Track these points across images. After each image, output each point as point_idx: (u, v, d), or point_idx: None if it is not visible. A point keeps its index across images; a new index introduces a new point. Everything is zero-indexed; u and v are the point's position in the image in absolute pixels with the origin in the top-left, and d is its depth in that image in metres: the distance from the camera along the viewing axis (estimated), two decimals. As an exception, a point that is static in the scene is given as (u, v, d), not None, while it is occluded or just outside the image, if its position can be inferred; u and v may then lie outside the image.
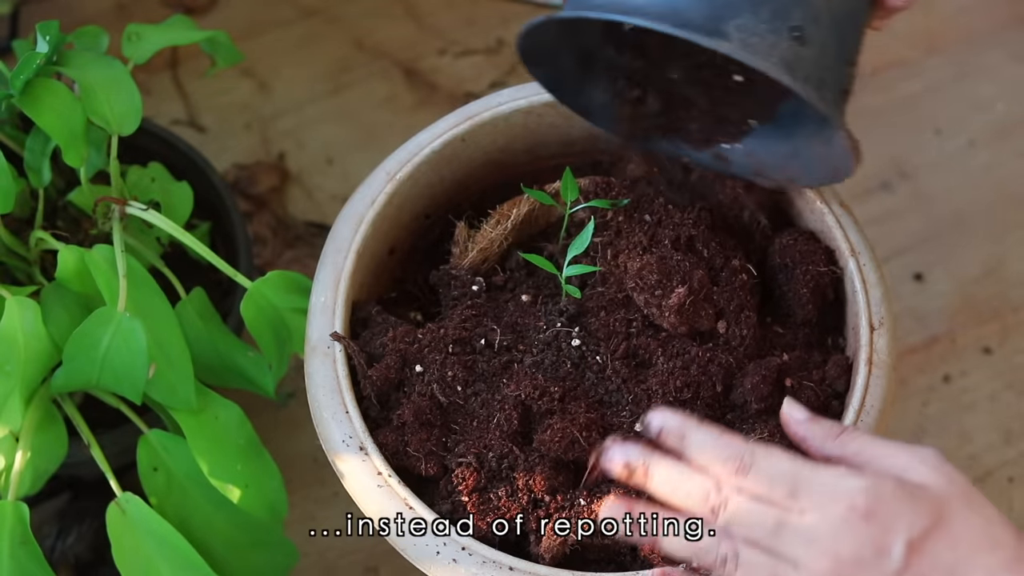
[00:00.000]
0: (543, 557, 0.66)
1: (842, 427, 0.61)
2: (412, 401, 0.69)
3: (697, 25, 0.63)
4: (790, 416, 0.63)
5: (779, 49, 0.64)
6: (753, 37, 0.63)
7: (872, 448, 0.60)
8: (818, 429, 0.62)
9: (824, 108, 0.65)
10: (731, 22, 0.63)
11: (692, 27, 0.63)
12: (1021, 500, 1.00)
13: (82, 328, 0.74)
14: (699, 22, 0.63)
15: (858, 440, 0.60)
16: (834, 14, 0.66)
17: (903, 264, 1.10)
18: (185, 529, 0.75)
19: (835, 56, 0.67)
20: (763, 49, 0.63)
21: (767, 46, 0.64)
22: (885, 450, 0.60)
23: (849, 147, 0.68)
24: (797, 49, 0.64)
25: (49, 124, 0.77)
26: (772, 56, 0.63)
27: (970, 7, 1.24)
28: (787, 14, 0.64)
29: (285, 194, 1.12)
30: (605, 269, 0.73)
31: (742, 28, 0.63)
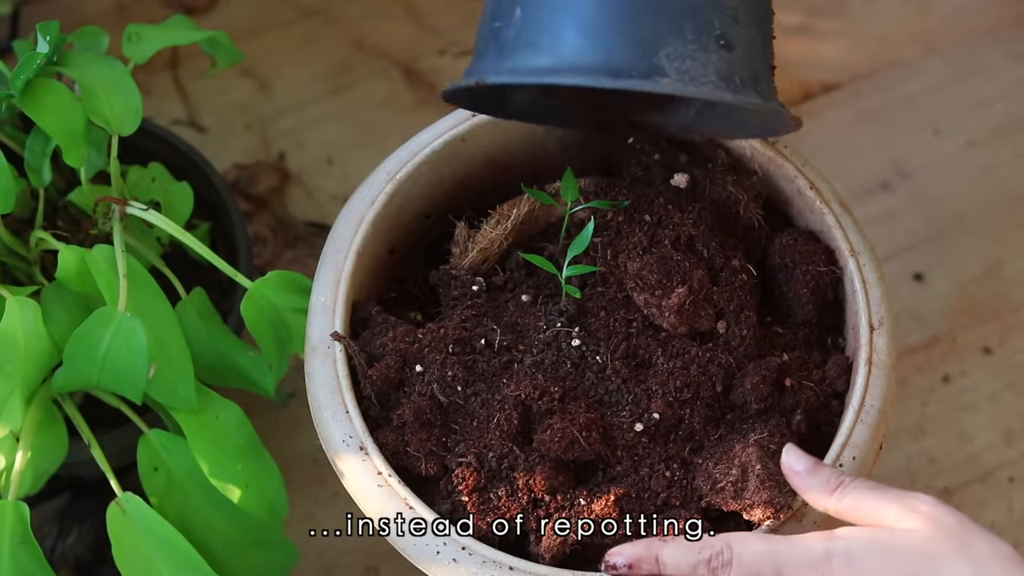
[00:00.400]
0: (543, 557, 0.66)
1: (839, 479, 0.63)
2: (412, 401, 0.70)
3: (631, 69, 0.63)
4: (789, 467, 0.65)
5: (712, 64, 0.65)
6: (685, 62, 0.64)
7: (866, 502, 0.62)
8: (815, 482, 0.64)
9: (761, 103, 0.66)
10: (661, 53, 0.64)
11: (627, 74, 0.63)
12: (1021, 500, 1.00)
13: (82, 328, 0.74)
14: (632, 64, 0.63)
15: (853, 494, 0.62)
16: (747, 4, 0.67)
17: (903, 264, 1.11)
18: (185, 529, 0.75)
19: (759, 41, 0.68)
20: (698, 72, 0.64)
21: (701, 66, 0.64)
22: (878, 503, 0.61)
23: (788, 119, 0.69)
24: (727, 56, 0.65)
25: (49, 124, 0.77)
26: (708, 75, 0.64)
27: (970, 7, 1.25)
28: (709, 26, 0.65)
29: (285, 194, 1.12)
30: (605, 269, 0.73)
31: (673, 56, 0.64)
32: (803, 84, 1.20)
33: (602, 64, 0.64)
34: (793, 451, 0.65)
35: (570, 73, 0.64)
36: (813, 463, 0.65)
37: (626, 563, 0.63)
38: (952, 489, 1.01)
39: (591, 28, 0.64)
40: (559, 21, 0.65)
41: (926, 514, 0.61)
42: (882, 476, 1.00)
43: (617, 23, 0.64)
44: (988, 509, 1.00)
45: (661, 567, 0.63)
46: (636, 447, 0.69)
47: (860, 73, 1.21)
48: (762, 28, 0.69)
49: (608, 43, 0.64)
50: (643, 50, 0.64)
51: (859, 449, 0.68)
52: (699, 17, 0.65)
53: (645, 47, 0.64)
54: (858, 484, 0.63)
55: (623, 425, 0.69)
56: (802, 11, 1.24)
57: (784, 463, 0.65)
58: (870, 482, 0.63)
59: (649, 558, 0.63)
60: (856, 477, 0.63)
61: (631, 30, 0.64)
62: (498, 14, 0.68)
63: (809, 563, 0.60)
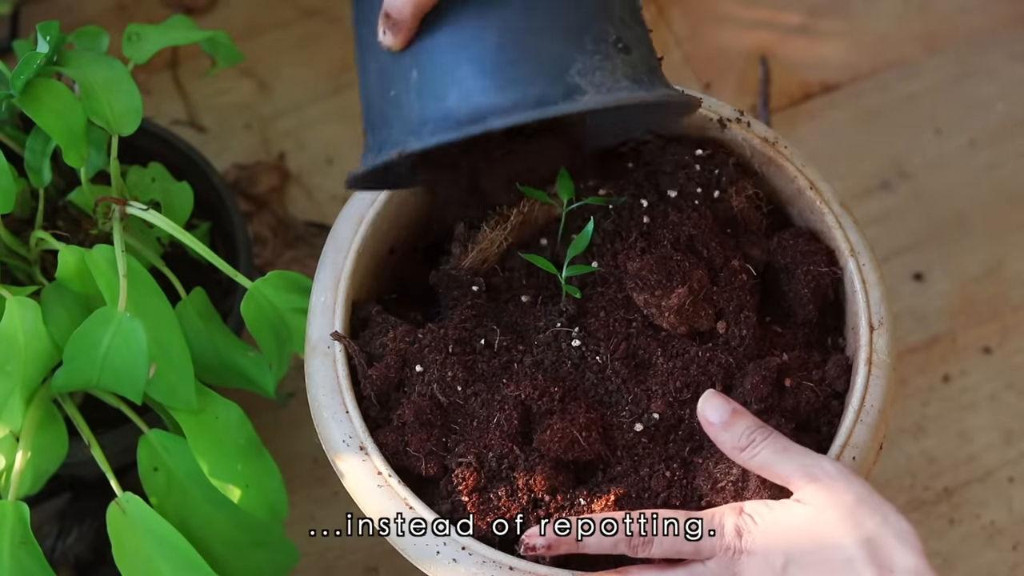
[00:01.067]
0: (543, 557, 0.66)
1: (750, 437, 0.64)
2: (412, 401, 0.70)
3: (550, 95, 0.62)
4: (704, 417, 0.66)
5: (619, 70, 0.64)
6: (596, 74, 0.63)
7: (772, 467, 0.64)
8: (727, 437, 0.65)
9: (675, 93, 0.66)
10: (572, 72, 0.63)
11: (549, 101, 0.62)
12: (1021, 500, 1.00)
13: (82, 328, 0.74)
14: (549, 91, 0.63)
15: (761, 455, 0.64)
16: (627, 4, 0.67)
17: (903, 264, 1.11)
18: (185, 529, 0.75)
19: (644, 36, 0.68)
20: (609, 81, 0.64)
21: (610, 75, 0.64)
22: (783, 468, 0.63)
23: (692, 101, 0.69)
24: (628, 59, 0.65)
25: (49, 124, 0.77)
26: (620, 82, 0.64)
27: (970, 7, 1.24)
28: (606, 34, 0.65)
29: (285, 194, 1.12)
30: (605, 269, 0.73)
31: (583, 72, 0.63)
32: (803, 84, 1.20)
33: (521, 99, 0.62)
34: (710, 401, 0.66)
35: (494, 117, 0.62)
36: (729, 415, 0.65)
37: (545, 544, 0.64)
38: (952, 489, 1.01)
39: (497, 68, 0.63)
40: (462, 71, 0.63)
41: (825, 486, 0.62)
42: (882, 476, 1.00)
43: (520, 56, 0.63)
44: (988, 509, 1.00)
45: (582, 546, 0.64)
46: (636, 447, 0.69)
47: (860, 73, 1.21)
48: (642, 23, 0.68)
49: (519, 77, 0.63)
50: (554, 74, 0.63)
51: (859, 449, 0.68)
52: (595, 28, 0.64)
53: (555, 70, 0.63)
54: (768, 444, 0.64)
55: (623, 425, 0.69)
56: (802, 11, 1.24)
57: (700, 412, 0.66)
58: (779, 442, 0.64)
59: (568, 538, 0.64)
60: (768, 434, 0.64)
61: (536, 58, 0.63)
62: (390, 82, 0.65)
63: (721, 537, 0.62)
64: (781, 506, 0.63)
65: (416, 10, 0.63)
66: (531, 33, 0.63)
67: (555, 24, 0.64)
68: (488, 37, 0.63)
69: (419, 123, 0.64)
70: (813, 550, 0.60)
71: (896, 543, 0.60)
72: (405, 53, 0.64)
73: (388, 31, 0.64)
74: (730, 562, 0.62)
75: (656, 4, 1.24)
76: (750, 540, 0.62)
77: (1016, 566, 0.98)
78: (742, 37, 1.22)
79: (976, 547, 0.99)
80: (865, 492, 0.61)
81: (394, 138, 0.65)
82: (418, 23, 0.63)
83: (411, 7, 0.62)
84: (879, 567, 0.59)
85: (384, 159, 0.65)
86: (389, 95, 0.65)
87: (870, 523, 0.60)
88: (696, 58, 1.21)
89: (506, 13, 0.63)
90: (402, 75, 0.65)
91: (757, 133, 0.78)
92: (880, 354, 0.71)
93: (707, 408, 0.66)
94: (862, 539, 0.60)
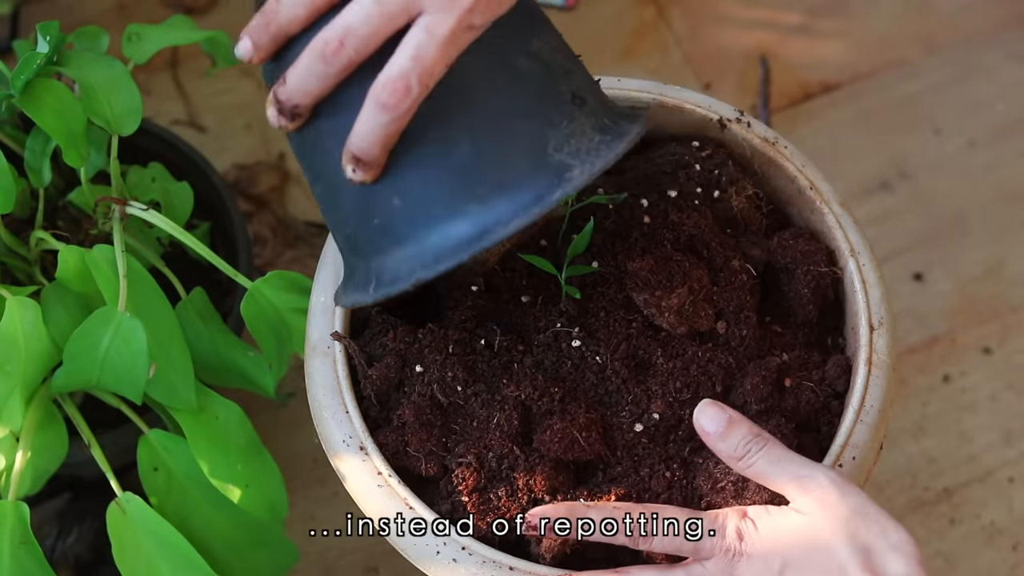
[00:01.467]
0: (544, 557, 0.66)
1: (745, 447, 0.64)
2: (412, 401, 0.70)
3: (544, 185, 0.61)
4: (701, 428, 0.66)
5: (587, 128, 0.63)
6: (571, 142, 0.62)
7: (766, 477, 0.64)
8: (723, 447, 0.65)
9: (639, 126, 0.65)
10: (550, 151, 0.61)
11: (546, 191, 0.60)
12: (1021, 500, 1.00)
13: (82, 328, 0.74)
14: (540, 180, 0.61)
15: (756, 465, 0.64)
16: (558, 49, 0.65)
17: (903, 264, 1.11)
18: (185, 529, 0.75)
19: (578, 63, 0.66)
20: (585, 144, 0.62)
21: (583, 137, 0.62)
22: (777, 478, 0.64)
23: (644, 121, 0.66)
24: (587, 110, 0.63)
25: (49, 124, 0.77)
26: (593, 140, 0.62)
27: (970, 7, 1.25)
28: (560, 96, 0.63)
29: (285, 194, 1.12)
30: (605, 269, 0.73)
31: (558, 147, 0.62)
32: (803, 84, 1.20)
33: (518, 201, 0.60)
34: (706, 410, 0.66)
35: (499, 227, 0.60)
36: (725, 424, 0.65)
37: (547, 524, 0.64)
38: (952, 489, 1.01)
39: (480, 175, 0.61)
40: (447, 189, 0.61)
41: (819, 497, 0.62)
42: (882, 476, 1.00)
43: (498, 153, 0.61)
44: (988, 509, 1.00)
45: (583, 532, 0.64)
46: (636, 447, 0.69)
47: (860, 73, 1.21)
48: (569, 52, 0.67)
49: (507, 179, 0.61)
50: (538, 161, 0.61)
51: (859, 449, 0.68)
52: (552, 96, 0.63)
53: (536, 158, 0.61)
54: (763, 454, 0.64)
55: (623, 425, 0.69)
56: (802, 11, 1.24)
57: (696, 421, 0.66)
58: (775, 451, 0.64)
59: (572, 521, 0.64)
60: (764, 444, 0.64)
61: (513, 152, 0.61)
62: (370, 212, 0.63)
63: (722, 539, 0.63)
64: (780, 512, 0.63)
65: (385, 147, 0.60)
66: (498, 126, 0.61)
67: (518, 107, 0.62)
68: (460, 145, 0.61)
69: (423, 252, 0.62)
70: (808, 556, 0.61)
71: (891, 552, 0.60)
72: (378, 184, 0.62)
73: (358, 169, 0.61)
74: (729, 564, 0.62)
75: (656, 4, 1.24)
76: (750, 543, 0.62)
77: (1016, 566, 0.98)
78: (742, 37, 1.23)
79: (976, 547, 0.99)
80: (861, 503, 0.61)
81: (398, 268, 0.63)
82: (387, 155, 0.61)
83: (379, 146, 0.60)
84: (872, 572, 0.59)
85: (400, 288, 0.63)
86: (373, 223, 0.63)
87: (866, 533, 0.60)
88: (696, 58, 1.21)
89: (468, 115, 0.61)
90: (382, 204, 0.62)
91: (757, 133, 0.78)
92: (880, 354, 0.71)
93: (703, 417, 0.66)
94: (856, 547, 0.60)
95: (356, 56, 0.59)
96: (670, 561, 0.65)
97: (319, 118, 0.63)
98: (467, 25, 0.59)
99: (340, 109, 0.62)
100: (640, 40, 1.23)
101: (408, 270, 0.62)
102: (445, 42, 0.58)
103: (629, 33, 1.23)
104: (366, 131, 0.60)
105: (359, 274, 0.66)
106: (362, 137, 0.60)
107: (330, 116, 0.62)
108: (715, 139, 0.79)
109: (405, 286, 0.62)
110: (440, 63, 0.59)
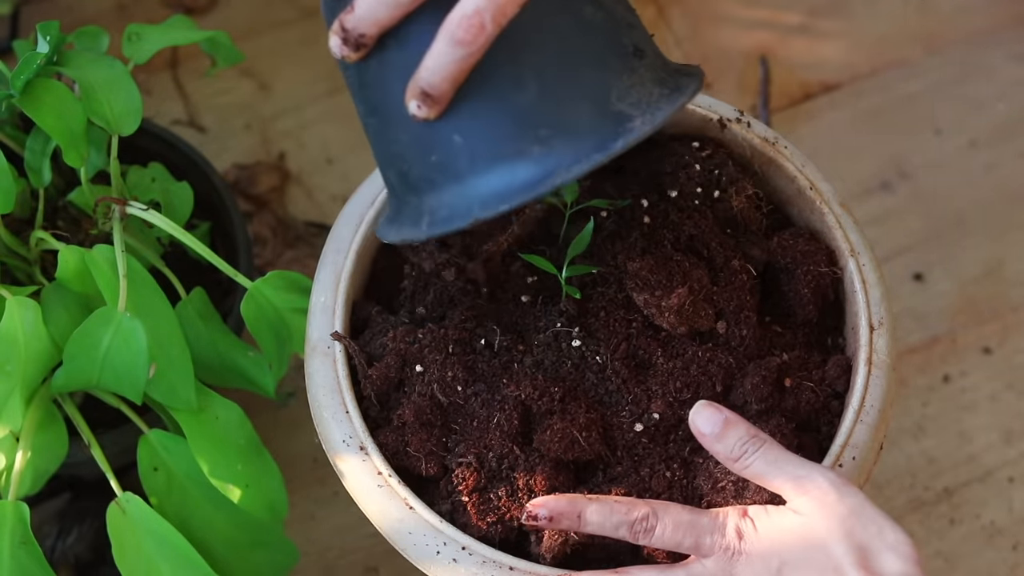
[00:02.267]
0: (544, 557, 0.66)
1: (742, 448, 0.64)
2: (412, 401, 0.70)
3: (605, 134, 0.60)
4: (697, 429, 0.66)
5: (647, 80, 0.63)
6: (632, 93, 0.62)
7: (764, 478, 0.64)
8: (720, 448, 0.65)
9: (696, 81, 0.65)
10: (613, 99, 0.61)
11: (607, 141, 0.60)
12: (1021, 500, 1.00)
13: (82, 328, 0.74)
14: (603, 128, 0.61)
15: (753, 466, 0.64)
16: (624, 6, 0.65)
17: (903, 264, 1.11)
18: (185, 529, 0.75)
19: (643, 27, 0.66)
20: (645, 96, 0.62)
21: (643, 90, 0.62)
22: (774, 479, 0.64)
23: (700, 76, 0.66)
24: (647, 63, 0.63)
25: (49, 124, 0.77)
26: (653, 93, 0.62)
27: (970, 7, 1.25)
28: (623, 48, 0.63)
29: (285, 194, 1.12)
30: (605, 269, 0.73)
31: (621, 96, 0.61)
32: (803, 84, 1.20)
33: (580, 146, 0.60)
34: (702, 411, 0.66)
35: (561, 171, 0.60)
36: (721, 425, 0.65)
37: (548, 515, 0.64)
38: (952, 489, 1.01)
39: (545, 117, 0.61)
40: (510, 128, 0.61)
41: (816, 498, 0.62)
42: (882, 476, 1.00)
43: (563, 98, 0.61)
44: (988, 509, 1.00)
45: (584, 524, 0.64)
46: (636, 447, 0.69)
47: (860, 73, 1.21)
48: (632, 11, 0.66)
49: (569, 122, 0.61)
50: (600, 108, 0.61)
51: (859, 449, 0.68)
52: (615, 45, 0.63)
53: (599, 104, 0.61)
54: (760, 455, 0.64)
55: (623, 425, 0.69)
56: (802, 11, 1.24)
57: (692, 423, 0.66)
58: (772, 452, 0.64)
59: (572, 514, 0.64)
60: (761, 444, 0.64)
61: (578, 97, 0.61)
62: (428, 149, 0.63)
63: (722, 537, 0.63)
64: (779, 512, 0.63)
65: (455, 83, 0.60)
66: (565, 70, 0.61)
67: (583, 54, 0.62)
68: (526, 87, 0.61)
69: (483, 190, 0.61)
70: (805, 555, 0.61)
71: (889, 552, 0.60)
72: (440, 121, 0.62)
73: (423, 105, 0.61)
74: (728, 562, 0.62)
75: (656, 4, 1.24)
76: (750, 543, 0.62)
77: (1016, 566, 0.98)
78: (742, 37, 1.23)
79: (976, 547, 0.99)
80: (859, 503, 0.61)
81: (455, 205, 0.62)
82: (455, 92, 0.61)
83: (449, 81, 0.60)
84: (868, 571, 0.59)
85: (456, 226, 0.62)
86: (430, 160, 0.63)
87: (863, 533, 0.60)
88: (696, 58, 1.21)
89: (536, 57, 0.61)
90: (443, 141, 0.62)
91: (757, 133, 0.78)
92: (880, 354, 0.71)
93: (699, 419, 0.66)
94: (853, 546, 0.60)
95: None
96: (671, 558, 0.65)
97: (384, 50, 0.62)
98: None
99: (407, 42, 0.61)
100: (640, 40, 1.23)
101: (466, 208, 0.62)
102: None
103: (629, 33, 1.23)
104: (437, 66, 0.59)
105: (410, 209, 0.65)
106: (432, 72, 0.60)
107: (395, 49, 0.62)
108: (715, 139, 0.79)
109: (462, 224, 0.62)
110: (513, 2, 0.59)
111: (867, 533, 0.60)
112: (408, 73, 0.61)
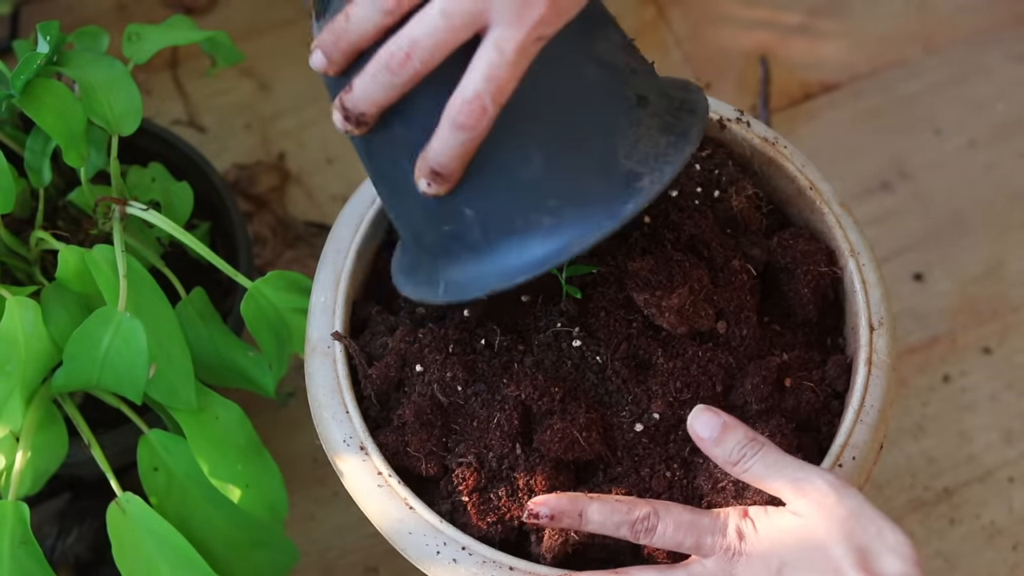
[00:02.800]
0: (544, 557, 0.66)
1: (740, 452, 0.64)
2: (412, 401, 0.70)
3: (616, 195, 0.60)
4: (693, 432, 0.66)
5: (653, 129, 0.62)
6: (638, 147, 0.61)
7: (763, 481, 0.64)
8: (718, 452, 0.65)
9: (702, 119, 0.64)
10: (620, 158, 0.61)
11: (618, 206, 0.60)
12: (1021, 500, 1.00)
13: (82, 328, 0.74)
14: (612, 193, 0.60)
15: (752, 470, 0.64)
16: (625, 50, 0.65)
17: (903, 264, 1.11)
18: (185, 529, 0.75)
19: (640, 57, 0.66)
20: (652, 149, 0.61)
21: (649, 142, 0.62)
22: (773, 482, 0.64)
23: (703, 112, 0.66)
24: (650, 110, 0.63)
25: (49, 124, 0.77)
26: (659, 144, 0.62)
27: (970, 7, 1.25)
28: (627, 101, 0.62)
29: (285, 194, 1.12)
30: (605, 269, 0.73)
31: (628, 154, 0.61)
32: (803, 84, 1.20)
33: (590, 215, 0.60)
34: (700, 416, 0.66)
35: (575, 243, 0.60)
36: (719, 430, 0.65)
37: (549, 514, 0.64)
38: (952, 489, 1.01)
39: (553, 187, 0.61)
40: (521, 202, 0.61)
41: (815, 500, 0.62)
42: (882, 476, 1.00)
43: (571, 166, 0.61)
44: (988, 509, 1.00)
45: (584, 523, 0.64)
46: (636, 447, 0.69)
47: (860, 73, 1.21)
48: (635, 53, 0.66)
49: (579, 191, 0.61)
50: (608, 171, 0.61)
51: (859, 449, 0.68)
52: (618, 100, 0.62)
53: (607, 167, 0.61)
54: (758, 458, 0.64)
55: (623, 425, 0.69)
56: (802, 11, 1.24)
57: (690, 427, 0.66)
58: (770, 455, 0.64)
59: (573, 512, 0.64)
60: (759, 448, 0.64)
61: (585, 162, 0.61)
62: (440, 219, 0.63)
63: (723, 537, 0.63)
64: (779, 513, 0.63)
65: (463, 163, 0.61)
66: (569, 138, 0.61)
67: (587, 117, 0.61)
68: (532, 159, 0.61)
69: (498, 264, 0.62)
70: (805, 556, 0.61)
71: (888, 553, 0.60)
72: (450, 194, 0.62)
73: (433, 183, 0.62)
74: (729, 563, 0.62)
75: (656, 4, 1.24)
76: (750, 543, 0.62)
77: (1016, 566, 0.98)
78: (742, 37, 1.23)
79: (976, 547, 0.99)
80: (858, 504, 0.61)
81: (469, 275, 0.63)
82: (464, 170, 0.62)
83: (459, 161, 0.61)
84: (867, 572, 0.59)
85: (472, 296, 0.64)
86: (443, 229, 0.64)
87: (862, 534, 0.60)
88: (696, 58, 1.21)
89: (539, 128, 0.61)
90: (454, 214, 0.63)
91: (757, 133, 0.78)
92: (880, 354, 0.71)
93: (697, 423, 0.66)
94: (852, 547, 0.60)
95: (422, 68, 0.60)
96: (671, 559, 0.65)
97: (388, 126, 0.63)
98: (536, 37, 0.59)
99: (410, 119, 0.62)
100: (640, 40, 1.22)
101: (483, 280, 0.63)
102: (516, 58, 0.59)
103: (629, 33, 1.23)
104: (443, 149, 0.60)
105: (425, 269, 0.66)
106: (440, 154, 0.61)
107: (400, 125, 0.63)
108: (715, 139, 0.79)
109: (479, 295, 0.63)
110: (512, 80, 0.59)
111: (867, 534, 0.60)
112: (414, 148, 0.62)
